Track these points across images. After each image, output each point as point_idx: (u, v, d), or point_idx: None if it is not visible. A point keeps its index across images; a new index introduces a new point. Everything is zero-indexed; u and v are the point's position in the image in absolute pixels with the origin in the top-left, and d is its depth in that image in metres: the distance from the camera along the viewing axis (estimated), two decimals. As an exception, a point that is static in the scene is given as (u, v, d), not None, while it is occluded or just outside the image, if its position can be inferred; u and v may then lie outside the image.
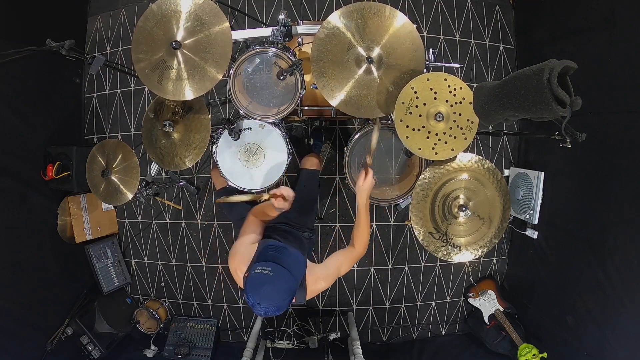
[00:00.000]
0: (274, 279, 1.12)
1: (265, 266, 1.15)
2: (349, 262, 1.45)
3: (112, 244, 2.81)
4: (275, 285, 1.11)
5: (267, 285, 1.10)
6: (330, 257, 1.45)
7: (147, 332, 2.72)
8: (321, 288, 1.36)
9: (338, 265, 1.41)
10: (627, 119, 1.79)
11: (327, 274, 1.37)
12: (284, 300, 1.13)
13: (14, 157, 2.22)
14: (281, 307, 1.13)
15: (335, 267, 1.40)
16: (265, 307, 1.10)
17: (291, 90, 1.68)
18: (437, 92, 1.46)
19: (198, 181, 2.76)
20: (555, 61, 1.03)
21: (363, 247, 1.47)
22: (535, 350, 2.31)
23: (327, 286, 1.39)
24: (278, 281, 1.12)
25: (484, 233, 1.68)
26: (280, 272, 1.14)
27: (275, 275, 1.13)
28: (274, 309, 1.12)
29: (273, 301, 1.11)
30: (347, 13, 1.50)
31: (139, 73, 1.55)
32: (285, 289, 1.13)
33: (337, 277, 1.42)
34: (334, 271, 1.39)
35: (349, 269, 1.47)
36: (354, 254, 1.47)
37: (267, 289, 1.10)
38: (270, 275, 1.12)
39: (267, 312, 1.12)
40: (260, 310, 1.11)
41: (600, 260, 1.92)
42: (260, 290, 1.10)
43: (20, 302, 2.16)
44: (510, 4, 2.75)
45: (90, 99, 2.88)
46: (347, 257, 1.45)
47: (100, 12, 2.85)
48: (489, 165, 1.62)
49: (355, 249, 1.47)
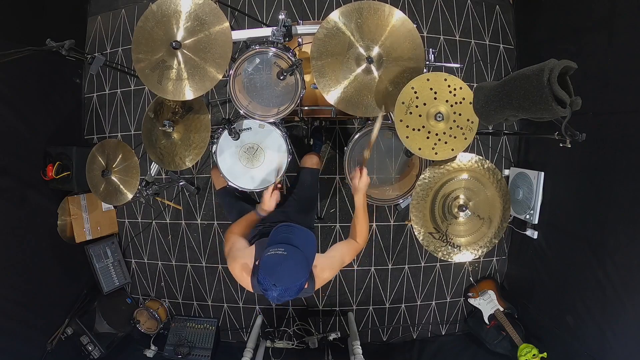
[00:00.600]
0: (288, 258, 1.12)
1: (278, 247, 1.15)
2: (351, 254, 1.47)
3: (112, 244, 2.80)
4: (290, 264, 1.11)
5: (282, 265, 1.10)
6: (333, 247, 1.48)
7: (147, 332, 2.72)
8: (327, 277, 1.37)
9: (341, 255, 1.43)
10: (627, 119, 1.79)
11: (332, 263, 1.39)
12: (299, 280, 1.12)
13: (14, 157, 2.22)
14: (295, 288, 1.13)
15: (339, 256, 1.42)
16: (280, 289, 1.10)
17: (291, 90, 1.68)
18: (437, 92, 1.46)
19: (198, 181, 2.76)
20: (555, 61, 1.03)
21: (364, 241, 1.51)
22: (535, 350, 2.31)
23: (332, 276, 1.40)
24: (292, 260, 1.12)
25: (483, 233, 1.68)
26: (294, 252, 1.14)
27: (289, 255, 1.13)
28: (289, 291, 1.12)
29: (289, 281, 1.11)
30: (346, 12, 1.50)
31: (139, 73, 1.55)
32: (300, 268, 1.13)
33: (341, 267, 1.43)
34: (338, 261, 1.41)
35: (351, 260, 1.49)
36: (356, 247, 1.49)
37: (282, 268, 1.10)
38: (285, 255, 1.12)
39: (281, 295, 1.12)
40: (274, 294, 1.11)
41: (600, 260, 1.92)
42: (276, 270, 1.10)
43: (20, 302, 2.16)
44: (510, 4, 2.75)
45: (90, 99, 2.88)
46: (349, 249, 1.47)
47: (100, 12, 2.85)
48: (489, 165, 1.62)
49: (358, 243, 1.50)
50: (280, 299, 1.13)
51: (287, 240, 1.18)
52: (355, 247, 1.49)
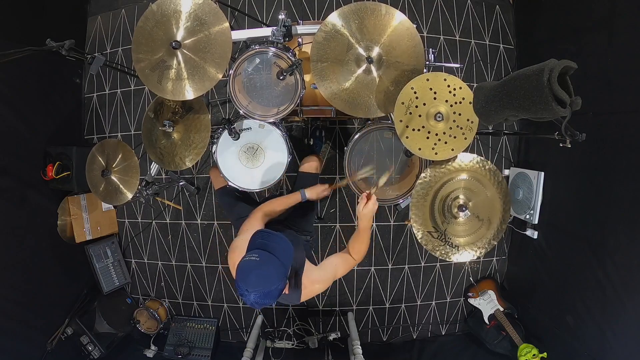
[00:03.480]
0: (261, 265, 1.10)
1: (252, 253, 1.14)
2: (345, 268, 1.46)
3: (112, 244, 2.81)
4: (263, 271, 1.10)
5: (254, 271, 1.09)
6: (328, 259, 1.46)
7: (147, 332, 2.72)
8: (317, 291, 1.37)
9: (335, 269, 1.42)
10: (627, 119, 1.79)
11: (324, 277, 1.39)
12: (273, 287, 1.11)
13: (14, 157, 2.22)
14: (271, 294, 1.11)
15: (332, 270, 1.41)
16: (255, 295, 1.09)
17: (291, 90, 1.68)
18: (436, 92, 1.46)
19: (198, 181, 2.76)
20: (555, 61, 1.03)
21: (360, 258, 1.50)
22: (535, 350, 2.31)
23: (323, 289, 1.40)
24: (265, 266, 1.11)
25: (482, 234, 1.67)
26: (268, 258, 1.13)
27: (262, 261, 1.11)
28: (264, 297, 1.10)
29: (262, 287, 1.09)
30: (344, 14, 1.50)
31: (139, 73, 1.55)
32: (272, 274, 1.11)
33: (333, 280, 1.43)
34: (330, 275, 1.40)
35: (345, 273, 1.48)
36: (351, 263, 1.49)
37: (254, 274, 1.09)
38: (257, 261, 1.11)
39: (257, 300, 1.10)
40: (250, 298, 1.09)
41: (600, 260, 1.92)
42: (249, 276, 1.09)
43: (20, 302, 2.16)
44: (510, 4, 2.75)
45: (90, 99, 2.88)
46: (344, 263, 1.46)
47: (100, 12, 2.85)
48: (490, 166, 1.62)
49: (353, 259, 1.49)
50: (257, 303, 1.12)
51: (263, 246, 1.17)
52: (351, 262, 1.48)
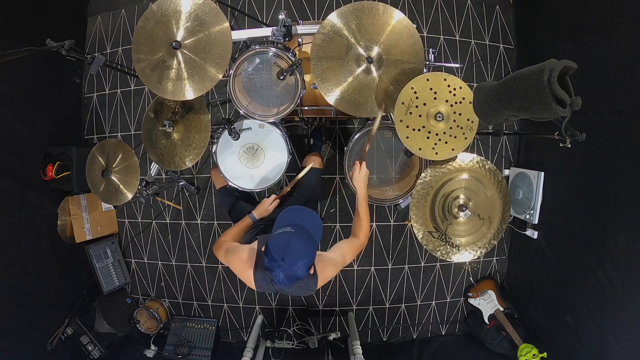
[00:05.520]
0: (295, 235, 1.16)
1: (285, 227, 1.19)
2: (353, 251, 1.49)
3: (112, 244, 2.80)
4: (299, 239, 1.15)
5: (291, 240, 1.14)
6: (336, 245, 1.49)
7: (147, 332, 2.72)
8: (329, 275, 1.39)
9: (343, 253, 1.44)
10: (627, 119, 1.79)
11: (334, 261, 1.40)
12: (306, 257, 1.15)
13: (14, 157, 2.22)
14: (304, 265, 1.15)
15: (341, 255, 1.43)
16: (287, 267, 1.12)
17: (291, 90, 1.68)
18: (436, 92, 1.46)
19: (198, 181, 2.76)
20: (555, 61, 1.03)
21: (365, 236, 1.52)
22: (535, 350, 2.31)
23: (334, 274, 1.42)
24: (300, 236, 1.16)
25: (483, 233, 1.68)
26: (300, 229, 1.19)
27: (297, 232, 1.17)
28: (295, 270, 1.14)
29: (297, 256, 1.13)
30: (342, 15, 1.50)
31: (139, 73, 1.55)
32: (307, 243, 1.17)
33: (343, 265, 1.45)
34: (340, 259, 1.42)
35: (353, 258, 1.52)
36: (357, 244, 1.51)
37: (291, 243, 1.14)
38: (292, 232, 1.16)
39: (287, 276, 1.14)
40: (281, 274, 1.13)
41: (600, 260, 1.92)
42: (287, 245, 1.13)
43: (20, 302, 2.16)
44: (510, 4, 2.75)
45: (90, 99, 2.88)
46: (351, 247, 1.49)
47: (100, 12, 2.85)
48: (490, 166, 1.62)
49: (359, 239, 1.51)
50: (287, 280, 1.15)
51: (293, 221, 1.22)
52: (357, 243, 1.51)
